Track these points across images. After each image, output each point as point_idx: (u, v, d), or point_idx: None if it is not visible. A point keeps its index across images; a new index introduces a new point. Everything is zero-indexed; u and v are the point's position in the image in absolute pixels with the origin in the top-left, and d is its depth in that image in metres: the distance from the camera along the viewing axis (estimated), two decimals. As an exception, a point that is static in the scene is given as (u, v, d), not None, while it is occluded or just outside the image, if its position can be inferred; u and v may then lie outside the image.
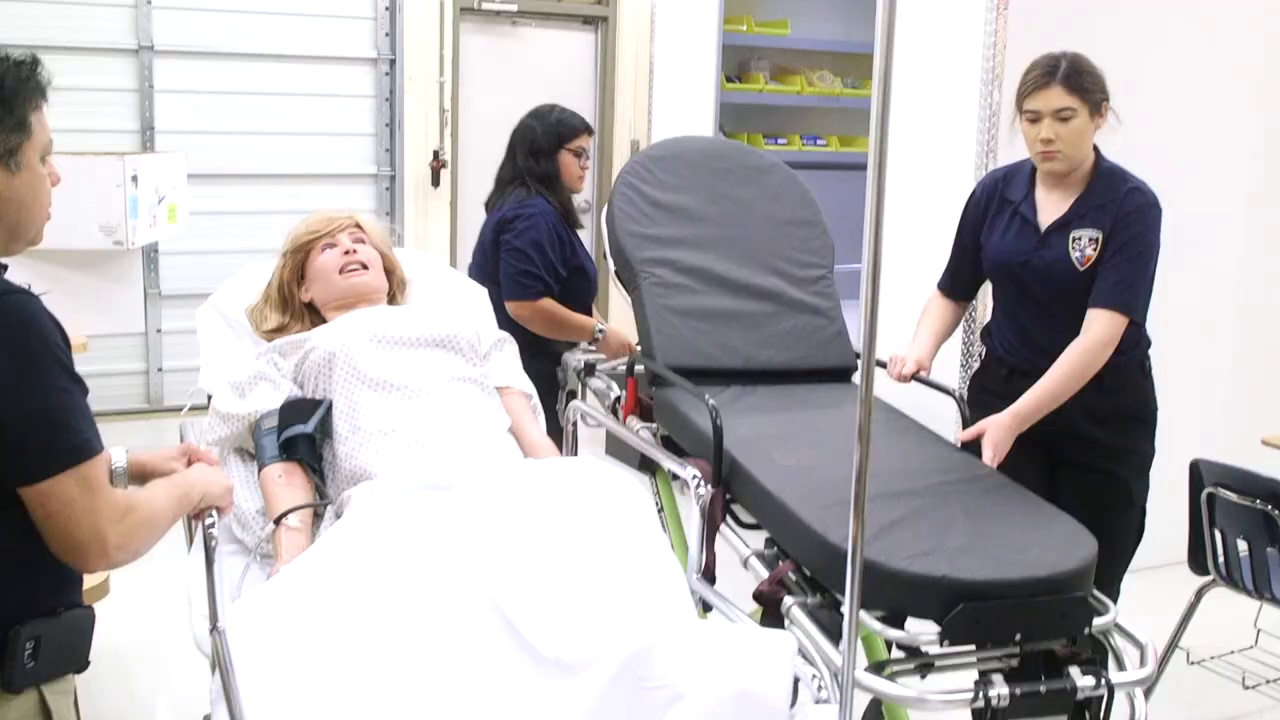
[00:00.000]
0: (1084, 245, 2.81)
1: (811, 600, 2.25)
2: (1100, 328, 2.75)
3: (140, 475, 2.10)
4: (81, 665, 1.78)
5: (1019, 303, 2.96)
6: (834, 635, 2.10)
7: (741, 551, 2.53)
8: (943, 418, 3.04)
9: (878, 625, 2.11)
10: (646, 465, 3.32)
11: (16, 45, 5.63)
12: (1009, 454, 2.67)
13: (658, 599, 2.00)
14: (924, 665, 2.15)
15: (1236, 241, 4.37)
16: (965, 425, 2.83)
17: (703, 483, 2.57)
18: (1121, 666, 2.14)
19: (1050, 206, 2.88)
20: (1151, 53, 4.07)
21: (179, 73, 6.06)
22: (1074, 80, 2.76)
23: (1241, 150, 4.40)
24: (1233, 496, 3.11)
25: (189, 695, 1.97)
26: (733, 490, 2.63)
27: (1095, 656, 2.17)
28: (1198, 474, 3.22)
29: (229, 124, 6.20)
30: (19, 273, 1.73)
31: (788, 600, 2.24)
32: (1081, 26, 3.92)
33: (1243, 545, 3.17)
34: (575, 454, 3.31)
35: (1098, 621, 2.14)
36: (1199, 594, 3.38)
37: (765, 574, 2.38)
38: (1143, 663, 2.10)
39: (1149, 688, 2.18)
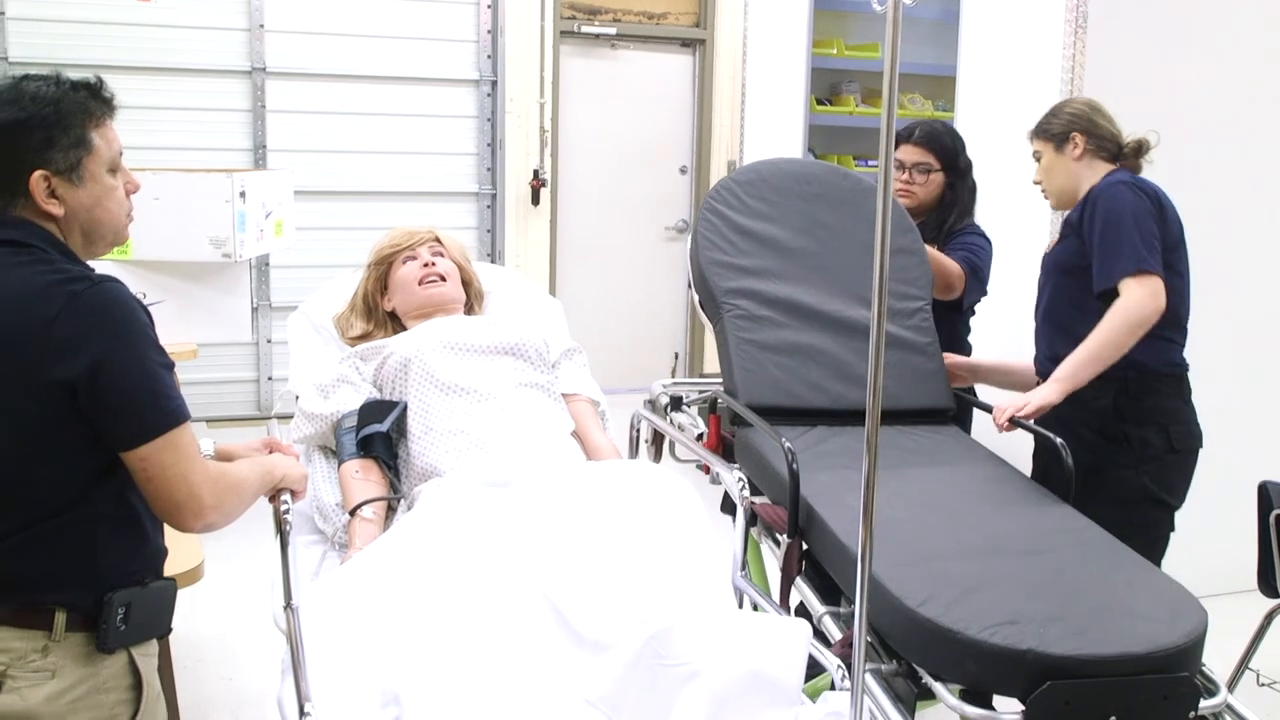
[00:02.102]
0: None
1: (886, 667, 2.08)
2: (1123, 297, 2.75)
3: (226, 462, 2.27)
4: (165, 631, 1.95)
5: None
6: (909, 706, 2.00)
7: (815, 609, 2.37)
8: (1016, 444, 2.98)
9: (953, 700, 1.94)
10: (729, 507, 3.10)
11: (140, 68, 5.84)
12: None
13: (686, 585, 2.11)
14: None
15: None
16: (1070, 475, 2.67)
17: (747, 487, 2.64)
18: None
19: None
20: (1225, 71, 4.07)
21: (290, 94, 6.32)
22: (1038, 125, 3.07)
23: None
24: (1301, 518, 3.11)
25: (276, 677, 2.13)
26: (809, 540, 2.48)
27: None
28: (1266, 496, 3.21)
29: (338, 143, 6.44)
30: (134, 283, 1.86)
31: None
32: (1158, 45, 3.94)
33: (1311, 567, 3.16)
34: (635, 458, 3.41)
35: (1206, 704, 1.98)
36: (1269, 616, 3.35)
37: (838, 635, 2.24)
38: None
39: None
